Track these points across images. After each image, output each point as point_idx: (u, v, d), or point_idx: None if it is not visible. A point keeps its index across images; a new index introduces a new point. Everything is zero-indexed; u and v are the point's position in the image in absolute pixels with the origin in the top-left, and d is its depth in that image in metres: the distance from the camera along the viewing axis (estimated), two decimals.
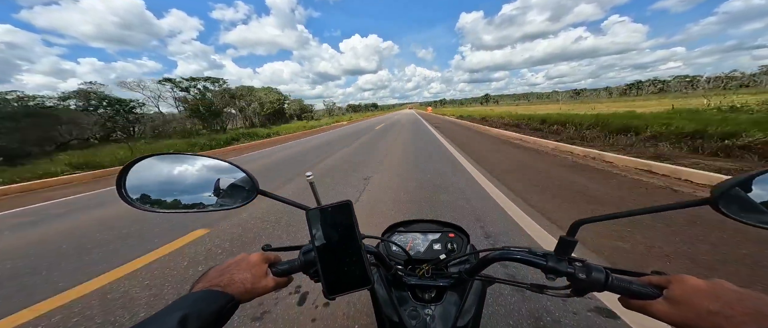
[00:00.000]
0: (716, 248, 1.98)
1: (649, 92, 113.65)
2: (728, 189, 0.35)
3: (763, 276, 1.68)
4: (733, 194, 0.35)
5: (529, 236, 2.36)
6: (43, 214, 4.14)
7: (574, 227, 0.43)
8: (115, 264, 2.29)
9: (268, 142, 14.50)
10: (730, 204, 0.35)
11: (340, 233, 0.44)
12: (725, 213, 0.35)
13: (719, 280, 0.34)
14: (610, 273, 0.41)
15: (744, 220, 0.35)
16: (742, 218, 0.35)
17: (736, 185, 0.35)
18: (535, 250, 0.47)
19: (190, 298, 0.35)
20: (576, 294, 0.44)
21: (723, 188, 0.35)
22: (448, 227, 0.75)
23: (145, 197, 0.48)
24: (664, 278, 0.37)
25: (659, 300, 0.36)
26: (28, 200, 5.18)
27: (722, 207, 0.35)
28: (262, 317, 1.57)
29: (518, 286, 0.52)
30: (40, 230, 3.39)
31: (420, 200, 3.44)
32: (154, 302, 1.77)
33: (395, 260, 0.64)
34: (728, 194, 0.35)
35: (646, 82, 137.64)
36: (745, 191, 0.35)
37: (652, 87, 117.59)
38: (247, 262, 0.43)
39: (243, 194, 0.52)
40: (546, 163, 5.16)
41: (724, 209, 0.35)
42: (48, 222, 3.68)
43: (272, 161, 7.71)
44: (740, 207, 0.35)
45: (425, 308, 0.55)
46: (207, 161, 0.52)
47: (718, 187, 0.36)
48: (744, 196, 0.35)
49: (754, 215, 0.35)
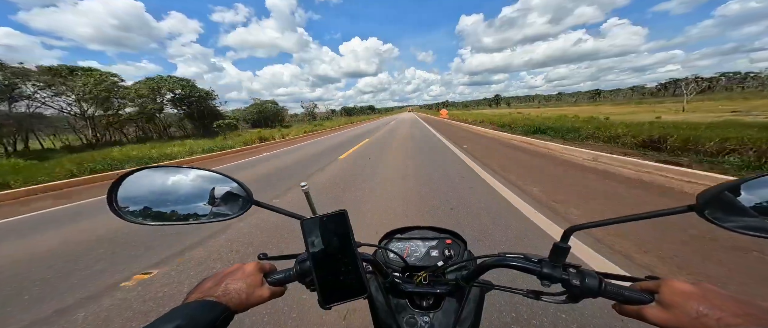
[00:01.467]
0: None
1: (694, 92, 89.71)
2: (715, 195, 0.35)
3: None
4: (721, 199, 0.35)
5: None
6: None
7: (567, 233, 0.44)
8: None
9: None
10: (716, 211, 0.35)
11: (335, 242, 0.44)
12: (711, 220, 0.35)
13: (705, 283, 0.34)
14: (603, 279, 0.41)
15: (731, 227, 0.35)
16: (729, 224, 0.35)
17: (725, 191, 0.35)
18: (530, 256, 0.47)
19: (184, 309, 0.35)
20: (571, 300, 0.44)
21: (709, 194, 0.35)
22: (446, 233, 0.74)
23: (137, 210, 0.48)
24: (654, 283, 0.38)
25: (652, 305, 0.36)
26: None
27: (708, 214, 0.35)
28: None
29: (515, 292, 0.52)
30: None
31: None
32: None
33: (393, 268, 0.64)
34: (716, 199, 0.35)
35: (683, 80, 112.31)
36: (734, 196, 0.35)
37: (695, 85, 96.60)
38: (241, 272, 0.43)
39: (237, 205, 0.51)
40: None
41: (710, 215, 0.35)
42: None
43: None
44: (728, 213, 0.35)
45: (423, 316, 0.55)
46: (200, 173, 0.51)
47: (703, 193, 0.35)
48: (733, 201, 0.35)
49: (743, 221, 0.35)
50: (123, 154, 9.49)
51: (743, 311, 0.29)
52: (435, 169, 5.41)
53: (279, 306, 1.68)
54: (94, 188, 6.21)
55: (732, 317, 0.29)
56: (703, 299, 0.32)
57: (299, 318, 1.61)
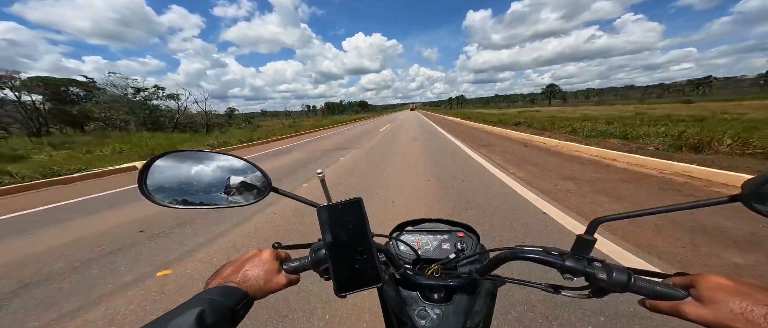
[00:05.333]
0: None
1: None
2: (762, 184, 0.33)
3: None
4: (766, 189, 0.33)
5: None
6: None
7: (593, 225, 0.42)
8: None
9: None
10: (764, 200, 0.34)
11: (350, 230, 0.44)
12: (758, 210, 0.33)
13: (744, 278, 0.33)
14: (632, 274, 0.40)
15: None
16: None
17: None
18: (550, 249, 0.46)
19: (206, 294, 0.36)
20: (595, 295, 0.43)
21: (755, 183, 0.34)
22: (458, 226, 0.74)
23: (164, 193, 0.50)
24: (688, 279, 0.36)
25: (688, 300, 0.35)
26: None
27: (755, 203, 0.34)
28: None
29: (532, 286, 0.51)
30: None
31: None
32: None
33: (404, 260, 0.64)
34: (763, 189, 0.33)
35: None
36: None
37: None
38: (259, 259, 0.44)
39: (257, 191, 0.53)
40: None
41: (757, 204, 0.33)
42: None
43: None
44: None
45: (435, 309, 0.55)
46: (223, 159, 0.53)
47: (749, 182, 0.34)
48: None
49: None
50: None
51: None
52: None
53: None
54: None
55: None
56: (743, 293, 0.31)
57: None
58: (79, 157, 9.65)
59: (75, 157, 9.86)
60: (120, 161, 8.60)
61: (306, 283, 1.79)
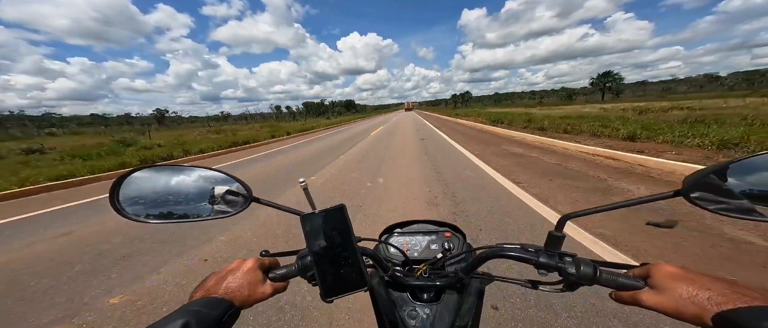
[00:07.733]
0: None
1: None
2: (701, 179, 0.35)
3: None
4: (708, 182, 0.35)
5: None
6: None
7: (561, 222, 0.44)
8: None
9: None
10: (702, 194, 0.35)
11: (335, 236, 0.44)
12: (698, 204, 0.35)
13: (692, 268, 0.36)
14: (598, 267, 0.41)
15: (718, 210, 0.35)
16: (716, 208, 0.35)
17: (711, 173, 0.35)
18: (527, 246, 0.47)
19: (191, 306, 0.35)
20: (568, 289, 0.45)
21: (695, 178, 0.35)
22: (445, 226, 0.75)
23: (139, 208, 0.48)
24: (645, 269, 0.39)
25: (645, 290, 0.37)
26: None
27: (695, 198, 0.35)
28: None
29: (514, 283, 0.52)
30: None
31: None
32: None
33: (393, 262, 0.64)
34: (701, 183, 0.35)
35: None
36: (721, 179, 0.35)
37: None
38: (243, 268, 0.43)
39: (238, 202, 0.52)
40: None
41: (697, 199, 0.35)
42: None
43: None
44: (715, 196, 0.35)
45: (424, 308, 0.56)
46: (201, 172, 0.52)
47: (690, 177, 0.35)
48: (719, 184, 0.35)
49: (729, 204, 0.34)
50: None
51: (730, 290, 0.31)
52: None
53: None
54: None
55: (720, 296, 0.30)
56: (692, 281, 0.33)
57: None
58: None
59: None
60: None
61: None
